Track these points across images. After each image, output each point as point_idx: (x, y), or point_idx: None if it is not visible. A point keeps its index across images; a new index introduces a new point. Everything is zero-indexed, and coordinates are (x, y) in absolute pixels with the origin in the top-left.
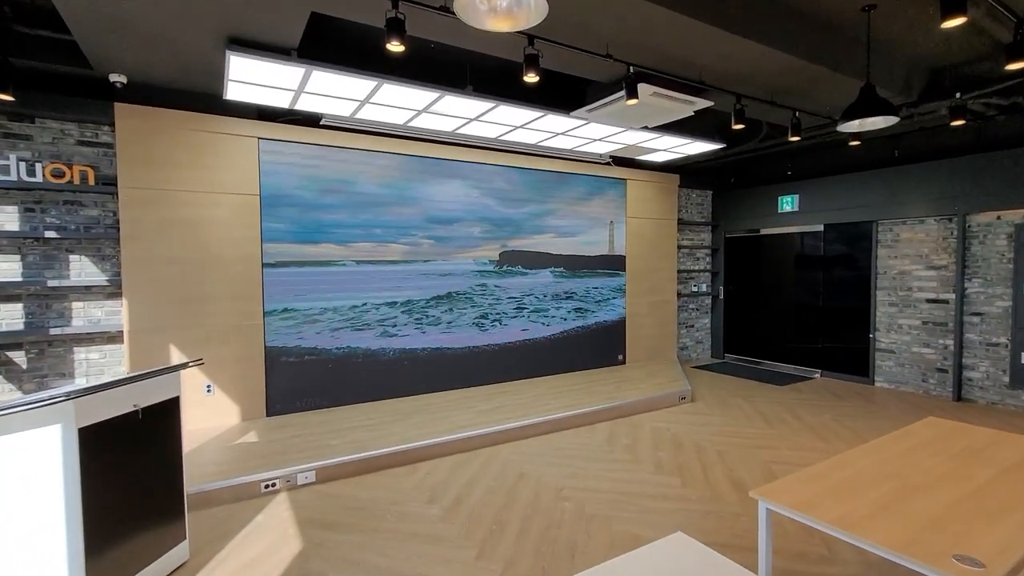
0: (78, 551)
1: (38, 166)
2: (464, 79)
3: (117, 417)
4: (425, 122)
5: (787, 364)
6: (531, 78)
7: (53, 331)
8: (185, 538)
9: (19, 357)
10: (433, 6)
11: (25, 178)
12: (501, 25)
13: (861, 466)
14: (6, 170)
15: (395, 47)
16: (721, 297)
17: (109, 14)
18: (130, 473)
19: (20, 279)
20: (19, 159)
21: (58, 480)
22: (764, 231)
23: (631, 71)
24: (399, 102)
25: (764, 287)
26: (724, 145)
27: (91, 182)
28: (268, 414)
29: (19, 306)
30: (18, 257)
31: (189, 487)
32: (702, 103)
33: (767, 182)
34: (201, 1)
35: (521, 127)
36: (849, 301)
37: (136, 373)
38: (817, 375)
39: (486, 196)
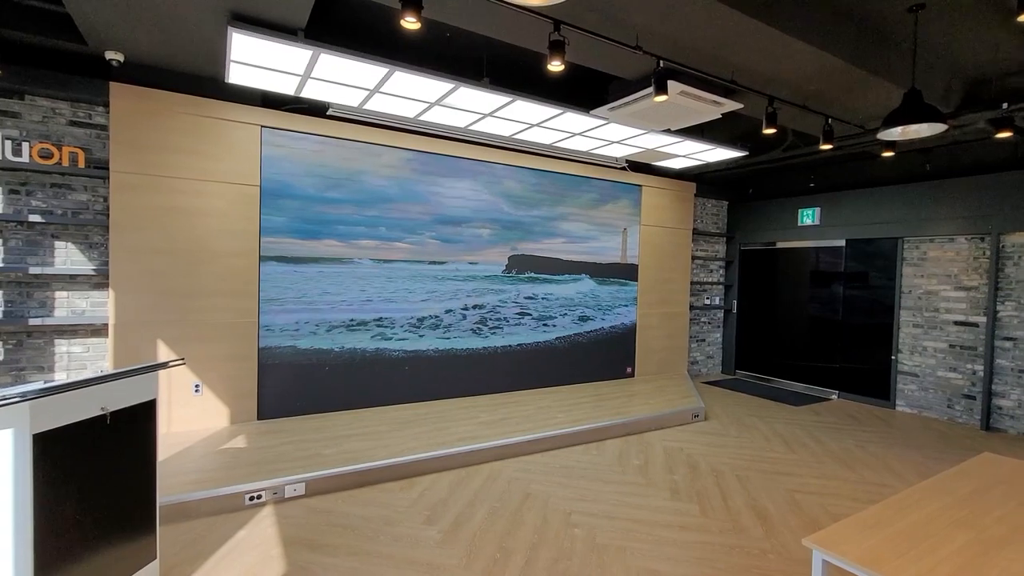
0: (26, 572)
1: (25, 145)
2: (480, 71)
3: (81, 422)
4: (437, 116)
5: (802, 383)
6: (556, 66)
7: (33, 321)
8: (155, 558)
9: None
10: None
11: (11, 158)
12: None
13: (925, 511)
14: None
15: (410, 24)
16: (734, 311)
17: None
18: (94, 485)
19: (0, 264)
20: (5, 137)
21: (6, 492)
22: (781, 244)
23: (661, 65)
24: (411, 93)
25: (779, 302)
26: (746, 153)
27: (81, 165)
28: (259, 417)
29: None
30: (0, 241)
31: (168, 497)
32: (731, 105)
33: (787, 194)
34: None
35: (537, 125)
36: (870, 320)
37: (105, 373)
38: (834, 396)
39: (496, 197)
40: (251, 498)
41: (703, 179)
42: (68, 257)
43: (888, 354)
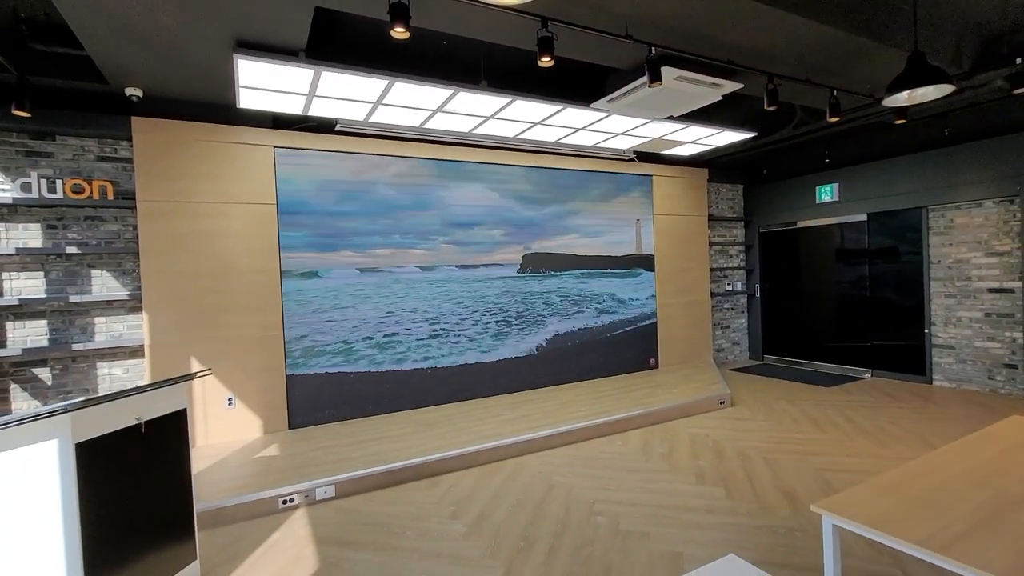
0: (77, 571)
1: (59, 183)
2: (478, 75)
3: (119, 431)
4: (441, 123)
5: (833, 364)
6: (545, 62)
7: (76, 347)
8: (195, 559)
9: (44, 373)
10: None
11: (46, 195)
12: None
13: (943, 475)
14: (28, 188)
15: (399, 34)
16: (758, 295)
17: (117, 25)
18: (134, 490)
19: (44, 295)
20: (40, 176)
21: (55, 499)
22: (801, 224)
23: (653, 52)
24: (412, 102)
25: (804, 283)
26: (755, 134)
27: (110, 197)
28: (290, 427)
29: (43, 322)
30: (41, 274)
31: (206, 504)
32: (731, 86)
33: (803, 172)
34: (202, 2)
35: (539, 123)
36: (899, 294)
37: (139, 385)
38: (867, 375)
39: (507, 198)
40: (284, 501)
41: (715, 164)
42: (104, 284)
43: (921, 328)
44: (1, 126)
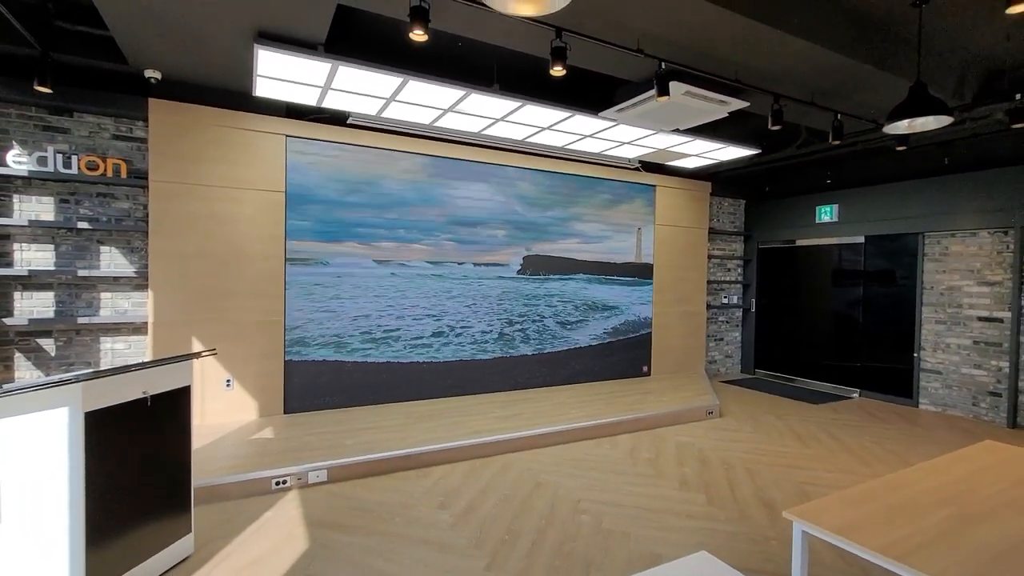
0: (79, 535)
1: (74, 158)
2: (491, 78)
3: (126, 403)
4: (451, 122)
5: (822, 382)
6: (557, 71)
7: (81, 320)
8: (190, 531)
9: (48, 344)
10: None
11: (61, 170)
12: (525, 9)
13: (913, 490)
14: (44, 162)
15: (418, 36)
16: (753, 310)
17: (143, 8)
18: (137, 461)
19: (53, 268)
20: (56, 151)
21: (63, 463)
22: (800, 242)
23: (663, 67)
24: (425, 100)
25: (799, 301)
26: (759, 151)
27: (123, 175)
28: (286, 411)
29: (50, 294)
30: (52, 247)
31: (202, 480)
32: (737, 104)
33: (804, 191)
34: None
35: (548, 128)
36: (891, 317)
37: (148, 360)
38: (855, 395)
39: (511, 199)
40: (277, 483)
41: (718, 178)
42: (112, 260)
43: (911, 351)
44: (21, 100)
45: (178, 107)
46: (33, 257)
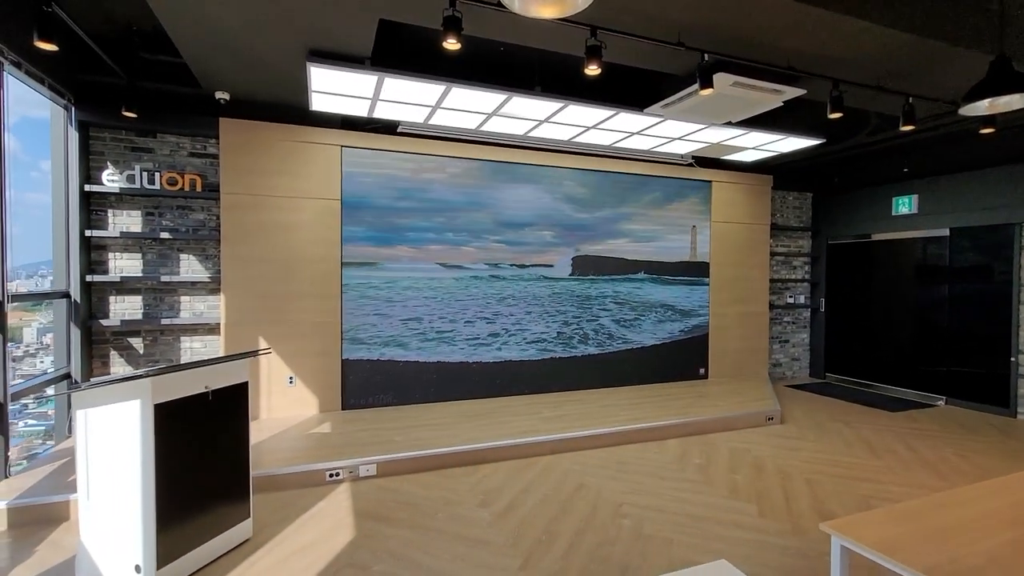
0: (151, 515)
1: (157, 175)
2: (533, 80)
3: (190, 397)
4: (496, 126)
5: (902, 388)
6: (592, 70)
7: (164, 321)
8: (249, 516)
9: (137, 343)
10: (486, 0)
11: (147, 186)
12: (547, 11)
13: (970, 509)
14: (132, 179)
15: (451, 45)
16: (822, 310)
17: (209, 34)
18: (200, 450)
19: (140, 274)
20: (142, 169)
21: (136, 451)
22: (876, 236)
23: (705, 58)
24: (469, 106)
25: (875, 300)
26: (824, 140)
27: (199, 189)
28: (343, 408)
29: (139, 298)
30: (139, 255)
31: (263, 471)
32: (792, 92)
33: (878, 182)
34: (280, 16)
35: (593, 127)
36: (983, 318)
37: (209, 358)
38: (940, 402)
39: (559, 200)
40: (331, 475)
41: (780, 171)
42: (190, 267)
43: (1007, 356)
44: (115, 125)
45: (245, 124)
46: (124, 265)
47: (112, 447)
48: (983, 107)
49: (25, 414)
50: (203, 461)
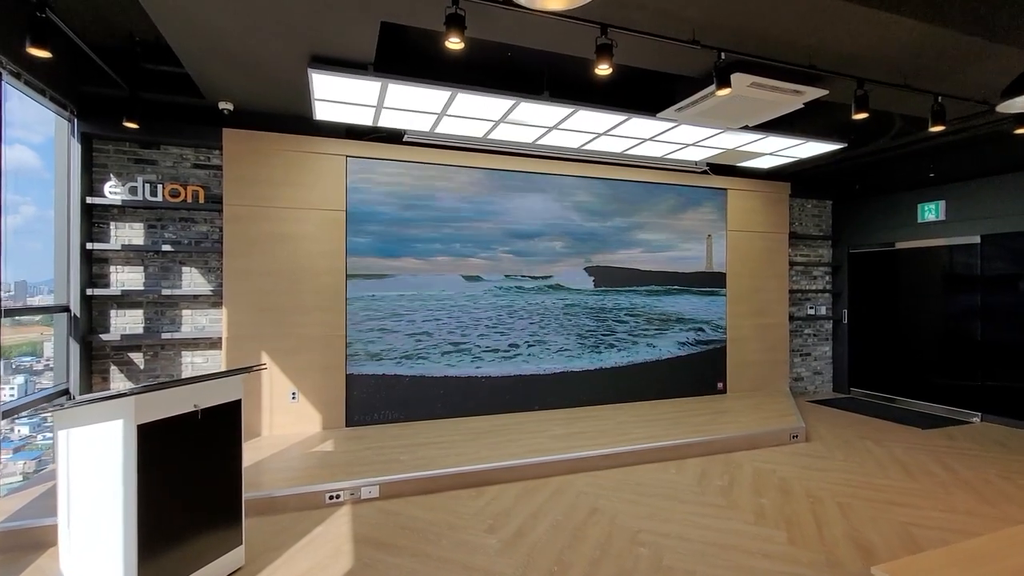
0: (132, 543)
1: (159, 187)
2: (541, 85)
3: (177, 416)
4: (504, 133)
5: (933, 403)
6: (603, 70)
7: (165, 335)
8: (241, 543)
9: (137, 358)
10: None
11: (149, 198)
12: (554, 4)
13: None
14: (135, 191)
15: (454, 44)
16: (845, 321)
17: (210, 43)
18: (188, 473)
19: (142, 288)
20: (145, 181)
21: (117, 475)
22: (900, 245)
23: (723, 57)
24: (475, 113)
25: (901, 311)
26: (845, 145)
27: (201, 200)
28: (347, 424)
29: (140, 312)
30: (141, 268)
31: (260, 492)
32: (814, 93)
33: (903, 188)
34: (279, 21)
35: (604, 134)
36: (1020, 328)
37: (198, 375)
38: (976, 419)
39: (568, 209)
40: (331, 497)
41: (799, 177)
42: (192, 280)
43: None
44: (117, 136)
45: (248, 135)
46: (126, 278)
47: (93, 471)
48: (1021, 103)
49: (45, 427)
50: (191, 485)
